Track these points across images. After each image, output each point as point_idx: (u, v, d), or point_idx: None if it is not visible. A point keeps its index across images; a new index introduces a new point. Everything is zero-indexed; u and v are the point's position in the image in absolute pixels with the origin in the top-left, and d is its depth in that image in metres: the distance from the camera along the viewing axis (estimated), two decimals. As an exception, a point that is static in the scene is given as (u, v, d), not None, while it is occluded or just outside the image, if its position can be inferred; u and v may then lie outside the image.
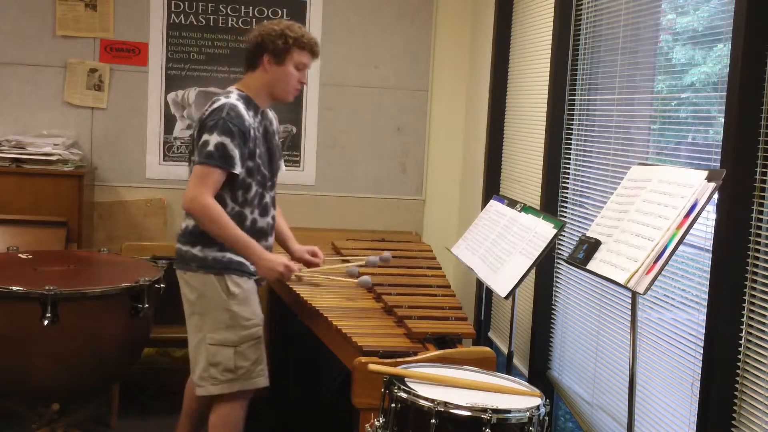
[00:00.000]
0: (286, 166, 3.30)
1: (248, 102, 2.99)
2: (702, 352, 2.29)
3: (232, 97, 2.95)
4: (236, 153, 2.88)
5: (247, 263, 2.98)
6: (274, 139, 3.14)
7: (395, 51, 4.73)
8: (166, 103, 4.57)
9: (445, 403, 2.13)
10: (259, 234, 3.02)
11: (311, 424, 3.87)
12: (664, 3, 2.82)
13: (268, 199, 3.06)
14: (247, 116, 2.94)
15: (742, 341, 2.19)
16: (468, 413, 2.12)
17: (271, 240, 3.13)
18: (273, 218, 3.12)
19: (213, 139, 2.86)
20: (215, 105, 2.93)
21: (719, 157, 2.24)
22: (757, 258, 2.16)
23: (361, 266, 3.39)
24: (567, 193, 3.41)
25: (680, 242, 2.10)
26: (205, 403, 3.11)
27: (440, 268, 3.64)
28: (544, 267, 3.47)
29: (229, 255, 2.95)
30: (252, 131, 2.95)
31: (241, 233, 2.90)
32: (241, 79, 3.08)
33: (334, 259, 3.60)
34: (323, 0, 4.62)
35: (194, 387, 3.08)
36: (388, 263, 3.50)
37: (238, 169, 2.90)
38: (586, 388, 3.15)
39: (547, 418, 2.22)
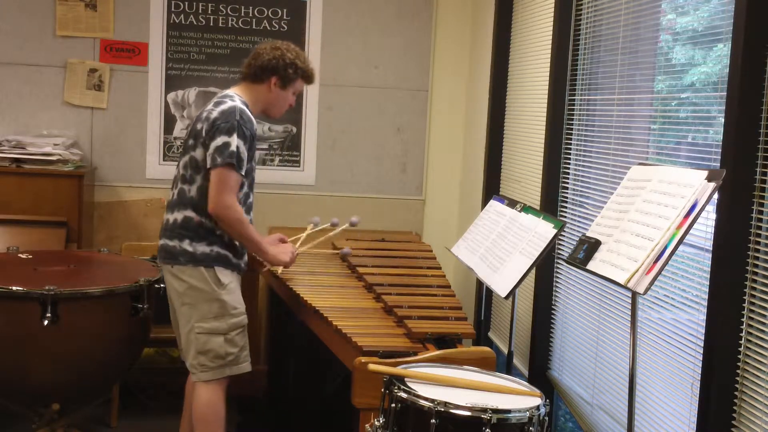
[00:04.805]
0: (285, 165, 3.37)
1: (248, 108, 3.11)
2: (702, 352, 2.29)
3: (238, 102, 3.07)
4: (246, 157, 3.02)
5: (231, 257, 3.10)
6: None
7: (395, 51, 4.73)
8: (166, 103, 4.56)
9: (445, 403, 2.13)
10: None
11: (311, 424, 3.86)
12: (664, 3, 2.82)
13: (251, 198, 3.19)
14: (254, 121, 3.09)
15: (742, 341, 2.19)
16: (468, 413, 2.12)
17: None
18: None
19: (234, 141, 2.97)
20: (224, 107, 3.03)
21: (719, 157, 2.24)
22: (757, 258, 2.16)
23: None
24: (567, 193, 3.41)
25: (680, 242, 2.11)
26: None
27: (440, 268, 3.64)
28: (544, 267, 3.47)
29: (216, 249, 3.07)
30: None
31: (256, 232, 3.10)
32: (237, 83, 3.20)
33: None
34: (323, 0, 4.62)
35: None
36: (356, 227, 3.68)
37: (243, 172, 3.04)
38: (586, 388, 3.15)
39: (547, 418, 2.22)
